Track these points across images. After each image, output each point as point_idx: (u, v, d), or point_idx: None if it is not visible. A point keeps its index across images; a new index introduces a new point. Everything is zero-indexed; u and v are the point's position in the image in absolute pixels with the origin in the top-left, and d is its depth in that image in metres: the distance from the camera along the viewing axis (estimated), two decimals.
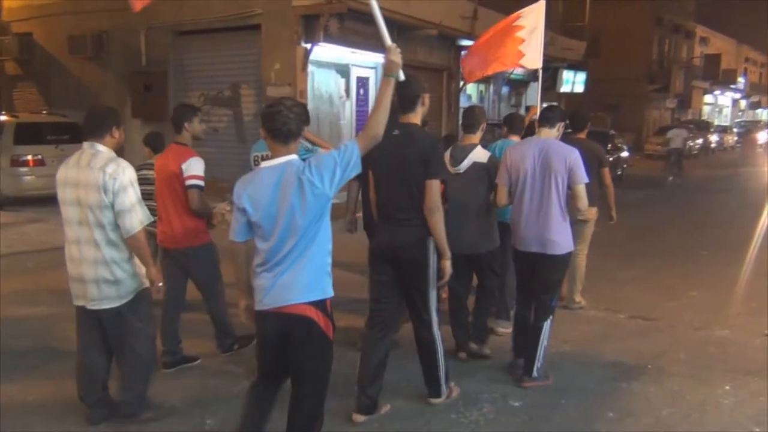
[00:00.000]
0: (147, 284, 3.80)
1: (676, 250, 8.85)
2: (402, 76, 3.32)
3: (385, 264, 4.04)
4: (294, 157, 3.04)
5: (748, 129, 38.76)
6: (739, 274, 7.89)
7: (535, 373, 4.60)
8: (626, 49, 31.08)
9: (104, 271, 3.63)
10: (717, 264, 8.35)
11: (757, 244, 9.68)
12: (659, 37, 36.31)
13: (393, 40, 3.46)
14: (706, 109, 46.79)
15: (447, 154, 4.82)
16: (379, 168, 3.98)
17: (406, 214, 3.90)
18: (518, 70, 19.93)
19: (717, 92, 47.79)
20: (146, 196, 4.20)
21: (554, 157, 4.42)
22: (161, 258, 4.90)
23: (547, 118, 4.62)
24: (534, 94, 21.91)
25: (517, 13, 6.80)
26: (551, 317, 4.60)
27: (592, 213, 6.06)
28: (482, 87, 19.42)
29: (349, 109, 13.63)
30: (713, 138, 33.01)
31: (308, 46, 11.48)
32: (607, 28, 29.23)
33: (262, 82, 11.83)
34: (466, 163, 4.81)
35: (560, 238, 4.47)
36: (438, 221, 3.86)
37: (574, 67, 22.55)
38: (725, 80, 44.80)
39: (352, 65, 13.42)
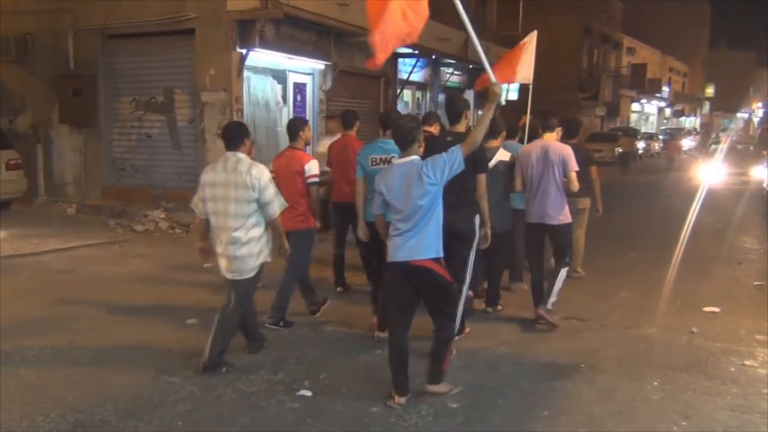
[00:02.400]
0: (269, 260, 5.00)
1: (606, 253, 9.11)
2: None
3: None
4: (416, 157, 4.35)
5: (672, 136, 40.35)
6: (666, 274, 8.18)
7: (549, 306, 6.02)
8: (557, 58, 31.84)
9: (241, 249, 4.79)
10: (645, 265, 8.65)
11: (683, 246, 10.06)
12: (588, 46, 37.49)
13: (330, 46, 3.56)
14: (633, 116, 48.47)
15: None
16: None
17: (459, 200, 5.02)
18: (453, 78, 20.27)
19: (643, 101, 49.60)
20: None
21: (552, 153, 6.01)
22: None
23: (549, 125, 6.23)
24: (470, 101, 22.26)
25: (523, 41, 8.74)
26: (566, 268, 6.20)
27: (586, 203, 7.62)
28: (419, 94, 19.60)
29: (286, 115, 13.49)
30: (640, 144, 34.22)
31: (243, 51, 11.34)
32: (538, 38, 29.85)
33: (197, 88, 11.60)
34: (493, 162, 6.00)
35: (557, 213, 6.02)
36: (485, 204, 5.25)
37: None
38: (651, 89, 46.59)
39: (289, 71, 13.32)
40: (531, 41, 8.64)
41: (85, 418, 4.12)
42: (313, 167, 5.92)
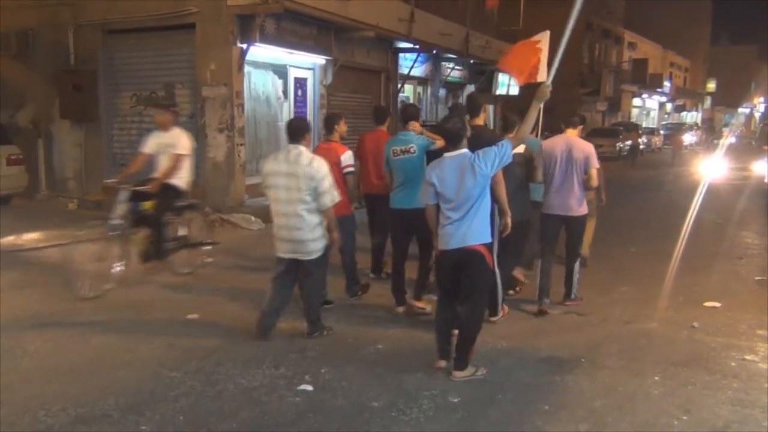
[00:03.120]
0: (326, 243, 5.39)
1: (607, 247, 9.11)
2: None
3: None
4: (466, 150, 4.69)
5: (676, 130, 40.26)
6: (667, 269, 8.18)
7: (572, 296, 6.57)
8: None
9: (307, 233, 5.23)
10: (646, 260, 8.65)
11: (684, 241, 10.06)
12: (590, 42, 37.38)
13: (330, 40, 3.58)
14: (634, 111, 48.40)
15: None
16: None
17: None
18: (454, 73, 20.24)
19: (645, 95, 49.52)
20: None
21: (575, 150, 6.32)
22: None
23: (572, 122, 6.56)
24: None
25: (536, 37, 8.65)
26: (579, 260, 6.59)
27: (591, 195, 7.52)
28: (420, 89, 19.58)
29: (287, 110, 13.49)
30: (641, 140, 34.16)
31: (244, 46, 11.31)
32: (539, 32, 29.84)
33: (197, 83, 11.58)
34: None
35: (578, 205, 6.35)
36: (502, 191, 5.52)
37: None
38: (652, 84, 46.49)
39: (290, 66, 13.30)
40: (545, 41, 8.83)
41: (87, 413, 4.13)
42: (348, 158, 6.40)
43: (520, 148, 6.36)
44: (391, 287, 6.40)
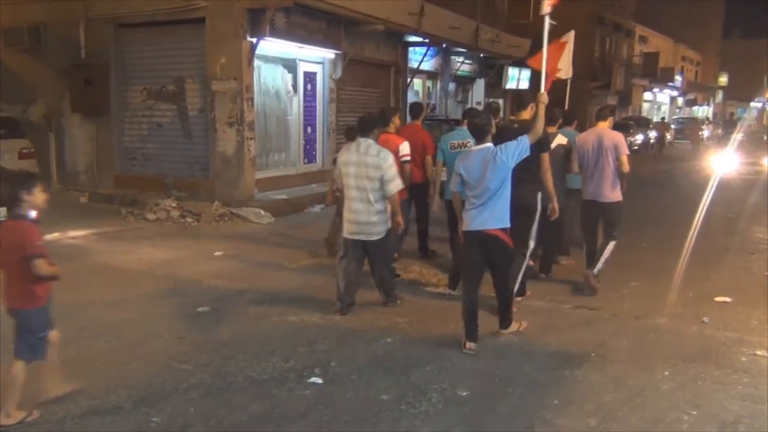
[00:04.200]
0: (390, 226, 6.05)
1: (618, 242, 9.06)
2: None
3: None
4: (490, 144, 5.25)
5: (695, 122, 39.95)
6: (677, 264, 8.14)
7: (596, 271, 6.85)
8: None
9: (372, 217, 5.88)
10: (656, 255, 8.61)
11: (694, 236, 10.02)
12: (600, 35, 37.15)
13: (340, 34, 3.61)
14: (645, 105, 48.08)
15: None
16: None
17: (525, 177, 5.71)
18: (464, 67, 20.17)
19: (656, 89, 49.15)
20: None
21: (606, 140, 6.81)
22: None
23: (602, 115, 7.05)
24: (480, 90, 22.19)
25: (564, 38, 9.73)
26: (614, 242, 6.86)
27: None
28: (429, 83, 19.54)
29: (296, 104, 13.51)
30: (653, 134, 33.96)
31: (254, 40, 11.32)
32: (550, 27, 29.69)
33: (207, 77, 11.61)
34: (552, 145, 6.62)
35: (610, 192, 6.81)
36: (549, 179, 6.11)
37: (519, 64, 22.85)
38: (663, 78, 46.12)
39: (300, 60, 13.31)
40: (570, 40, 9.77)
41: (99, 404, 4.17)
42: (405, 148, 7.13)
43: (563, 140, 7.20)
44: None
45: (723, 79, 67.83)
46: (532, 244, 6.13)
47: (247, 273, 7.57)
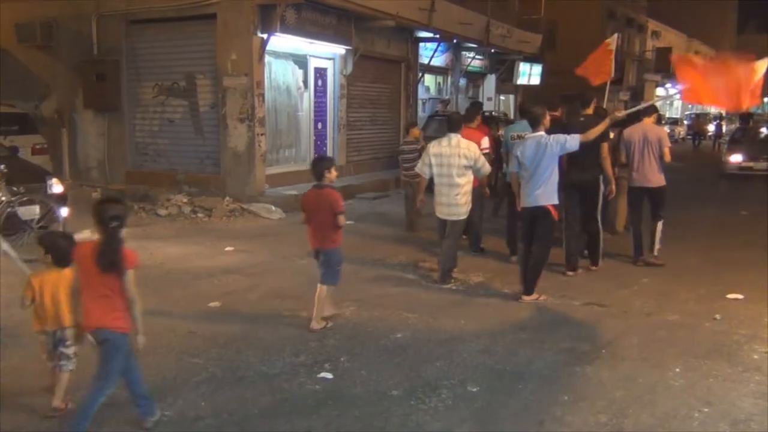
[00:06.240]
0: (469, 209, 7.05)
1: (627, 239, 9.02)
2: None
3: (574, 191, 7.25)
4: (543, 133, 6.36)
5: (699, 119, 39.71)
6: (689, 261, 8.11)
7: (656, 252, 7.86)
8: (581, 42, 31.19)
9: (459, 199, 6.85)
10: (667, 251, 8.52)
11: (706, 232, 9.96)
12: (612, 30, 36.73)
13: (350, 30, 3.60)
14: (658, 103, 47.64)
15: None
16: None
17: (587, 162, 7.08)
18: (475, 63, 20.11)
19: (668, 85, 48.76)
20: (406, 161, 9.58)
21: (650, 134, 7.79)
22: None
23: (647, 112, 8.03)
24: (491, 86, 22.11)
25: (608, 40, 10.60)
26: (661, 221, 7.85)
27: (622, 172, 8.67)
28: (440, 79, 19.50)
29: (307, 100, 13.52)
30: (665, 129, 33.86)
31: (265, 36, 11.33)
32: (562, 22, 29.59)
33: (219, 73, 11.64)
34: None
35: (656, 179, 7.78)
36: (608, 164, 7.35)
37: (531, 59, 22.79)
38: None
39: (310, 56, 13.31)
40: (613, 42, 10.44)
41: (112, 397, 4.17)
42: (485, 142, 7.88)
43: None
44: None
45: None
46: (600, 217, 7.45)
47: (257, 268, 7.59)
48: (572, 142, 6.22)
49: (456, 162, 6.78)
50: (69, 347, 4.08)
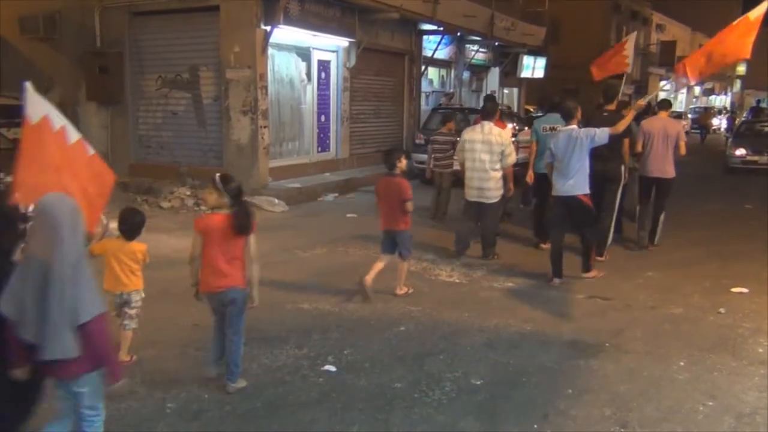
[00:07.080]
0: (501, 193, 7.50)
1: (632, 232, 9.00)
2: None
3: (596, 182, 7.01)
4: (575, 126, 6.68)
5: (704, 112, 39.60)
6: (693, 254, 8.09)
7: (656, 241, 8.36)
8: (585, 35, 31.36)
9: (490, 183, 7.34)
10: (671, 245, 8.53)
11: (710, 226, 9.92)
12: (617, 23, 36.79)
13: (354, 22, 3.57)
14: (661, 95, 47.51)
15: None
16: None
17: (611, 154, 7.30)
18: (479, 55, 20.03)
19: (666, 84, 48.53)
20: (438, 151, 10.04)
21: (669, 127, 8.21)
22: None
23: (664, 105, 8.63)
24: (495, 79, 22.04)
25: (626, 37, 10.92)
26: (664, 212, 8.33)
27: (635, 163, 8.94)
28: (443, 72, 19.43)
29: (310, 93, 13.49)
30: (683, 123, 33.84)
31: (268, 28, 11.30)
32: (566, 15, 29.47)
33: (222, 65, 11.61)
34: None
35: (670, 170, 8.15)
36: (627, 156, 7.86)
37: (535, 52, 22.69)
38: None
39: (313, 48, 13.27)
40: (630, 40, 10.87)
41: (114, 389, 4.18)
42: (508, 133, 8.42)
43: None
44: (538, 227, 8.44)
45: (741, 68, 66.72)
46: (616, 207, 7.80)
47: (261, 261, 7.56)
48: (602, 135, 6.51)
49: (488, 148, 7.28)
50: (132, 308, 4.65)
